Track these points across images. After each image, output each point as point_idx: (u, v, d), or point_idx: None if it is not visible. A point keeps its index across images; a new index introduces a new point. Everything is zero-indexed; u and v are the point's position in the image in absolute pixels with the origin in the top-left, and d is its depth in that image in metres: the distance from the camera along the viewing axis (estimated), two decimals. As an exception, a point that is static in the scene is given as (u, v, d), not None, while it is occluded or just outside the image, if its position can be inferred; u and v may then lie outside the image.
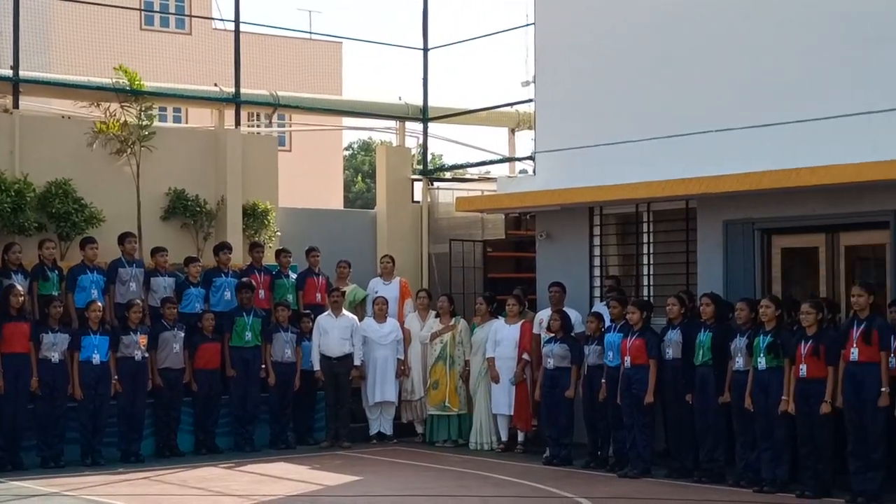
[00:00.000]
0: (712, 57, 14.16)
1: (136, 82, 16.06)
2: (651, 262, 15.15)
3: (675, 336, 12.71)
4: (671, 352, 12.69)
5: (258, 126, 20.62)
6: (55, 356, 13.61)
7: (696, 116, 14.19)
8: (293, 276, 16.17)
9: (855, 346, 11.12)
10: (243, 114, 18.10)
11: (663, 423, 13.32)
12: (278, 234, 17.02)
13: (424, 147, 19.43)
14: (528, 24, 17.10)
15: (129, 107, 15.93)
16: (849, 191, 12.98)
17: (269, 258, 16.34)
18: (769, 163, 13.20)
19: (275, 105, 18.40)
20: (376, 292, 16.30)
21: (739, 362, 12.02)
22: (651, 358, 12.70)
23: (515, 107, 19.79)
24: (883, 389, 10.96)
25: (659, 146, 14.49)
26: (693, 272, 14.50)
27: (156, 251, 15.16)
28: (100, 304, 14.08)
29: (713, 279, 14.00)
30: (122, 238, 14.93)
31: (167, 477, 13.15)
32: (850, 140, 12.77)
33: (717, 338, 12.32)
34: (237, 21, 17.73)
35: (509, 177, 18.44)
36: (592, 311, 14.33)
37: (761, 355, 11.68)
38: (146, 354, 14.20)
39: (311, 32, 30.38)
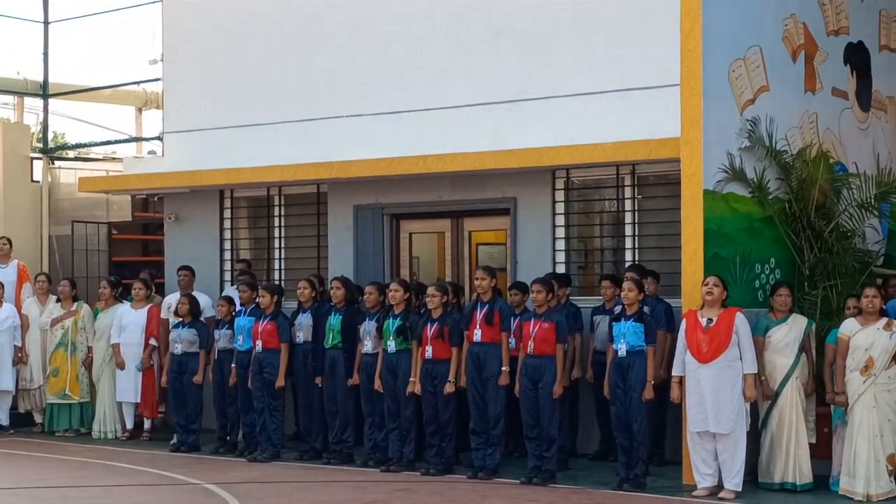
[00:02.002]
0: (343, 43, 14.32)
1: None
2: (283, 245, 15.20)
3: (305, 319, 12.75)
4: (302, 335, 12.73)
5: None
6: None
7: (327, 101, 14.31)
8: None
9: (478, 327, 11.51)
10: None
11: (294, 407, 13.38)
12: None
13: (45, 124, 18.60)
14: (155, 1, 16.68)
15: None
16: (472, 178, 13.48)
17: None
18: (398, 149, 13.49)
19: None
20: (-9, 276, 15.46)
21: (368, 345, 12.21)
22: (283, 342, 12.68)
23: (143, 85, 19.32)
24: (503, 369, 11.43)
25: (291, 130, 14.51)
26: (324, 256, 14.65)
27: None
28: None
29: (344, 263, 14.21)
30: None
31: None
32: (474, 129, 13.26)
33: (347, 321, 12.46)
34: None
35: (136, 157, 17.93)
36: (223, 294, 14.16)
37: (391, 338, 11.91)
38: None
39: (-83, -1, 28.37)
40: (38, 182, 17.76)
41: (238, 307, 13.35)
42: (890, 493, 10.36)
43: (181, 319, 13.69)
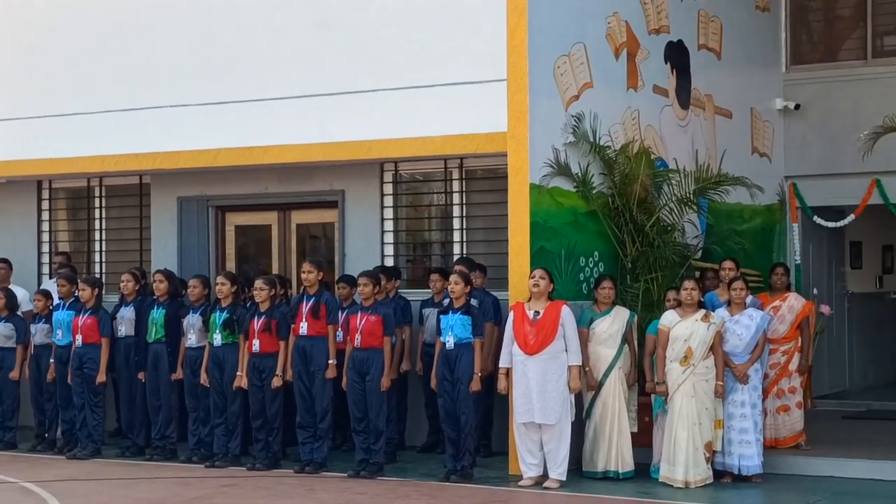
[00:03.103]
0: (167, 31, 13.99)
1: None
2: (104, 237, 14.88)
3: (128, 313, 12.52)
4: (124, 329, 12.49)
5: None
6: None
7: (151, 91, 13.95)
8: None
9: (304, 320, 11.45)
10: None
11: (115, 402, 13.09)
12: None
13: None
14: (-33, -15, 16.08)
15: None
16: (300, 170, 13.39)
17: None
18: (224, 140, 13.29)
19: None
20: None
21: (193, 339, 12.04)
22: (104, 336, 12.39)
23: (-45, 72, 18.57)
24: (330, 362, 11.39)
25: (112, 119, 14.11)
26: (147, 249, 14.39)
27: None
28: None
29: (167, 255, 13.98)
30: None
31: None
32: (301, 121, 13.13)
33: (171, 315, 12.27)
34: None
35: (-52, 146, 17.25)
36: (40, 288, 13.77)
37: (217, 331, 11.75)
38: None
39: None
40: None
41: (56, 301, 12.99)
42: (707, 479, 10.68)
43: (-3, 314, 13.25)
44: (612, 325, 11.05)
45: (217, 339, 11.75)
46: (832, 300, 15.97)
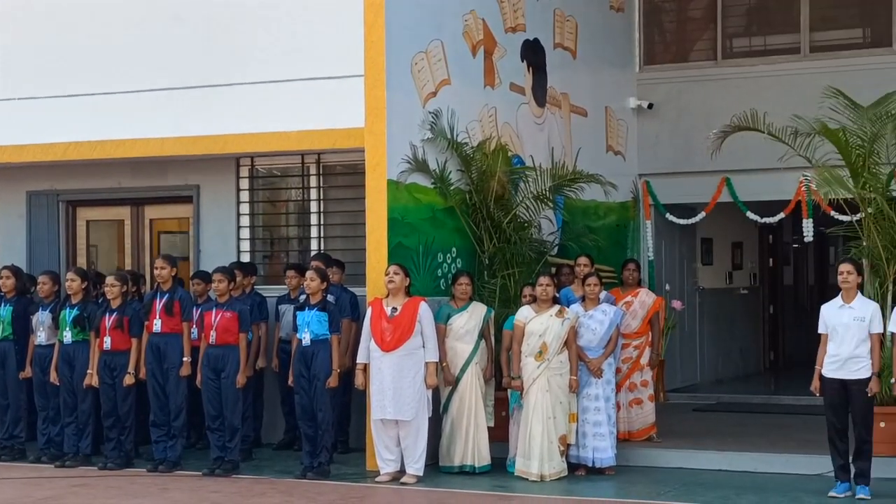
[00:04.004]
0: (17, 20, 13.63)
1: None
2: (-51, 233, 14.42)
3: (-27, 311, 12.20)
4: (-31, 327, 12.17)
5: None
6: None
7: (-2, 82, 13.61)
8: None
9: (158, 317, 11.28)
10: None
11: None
12: None
13: None
14: None
15: None
16: (154, 165, 13.18)
17: None
18: (75, 134, 12.99)
19: None
20: None
21: (42, 336, 11.77)
22: (-53, 334, 12.06)
23: None
24: (185, 359, 11.24)
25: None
26: (-5, 243, 14.02)
27: None
28: None
29: (16, 251, 13.66)
30: None
31: None
32: (155, 115, 12.90)
33: (18, 311, 11.99)
34: None
35: None
36: None
37: (67, 329, 11.50)
38: None
39: None
40: None
41: None
42: (562, 472, 10.82)
43: None
44: (470, 320, 11.11)
45: (67, 336, 11.50)
46: (684, 296, 16.34)
